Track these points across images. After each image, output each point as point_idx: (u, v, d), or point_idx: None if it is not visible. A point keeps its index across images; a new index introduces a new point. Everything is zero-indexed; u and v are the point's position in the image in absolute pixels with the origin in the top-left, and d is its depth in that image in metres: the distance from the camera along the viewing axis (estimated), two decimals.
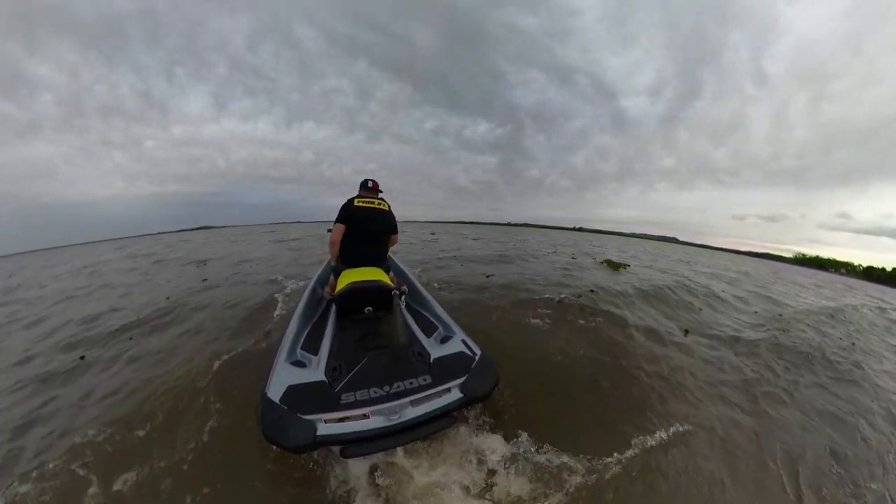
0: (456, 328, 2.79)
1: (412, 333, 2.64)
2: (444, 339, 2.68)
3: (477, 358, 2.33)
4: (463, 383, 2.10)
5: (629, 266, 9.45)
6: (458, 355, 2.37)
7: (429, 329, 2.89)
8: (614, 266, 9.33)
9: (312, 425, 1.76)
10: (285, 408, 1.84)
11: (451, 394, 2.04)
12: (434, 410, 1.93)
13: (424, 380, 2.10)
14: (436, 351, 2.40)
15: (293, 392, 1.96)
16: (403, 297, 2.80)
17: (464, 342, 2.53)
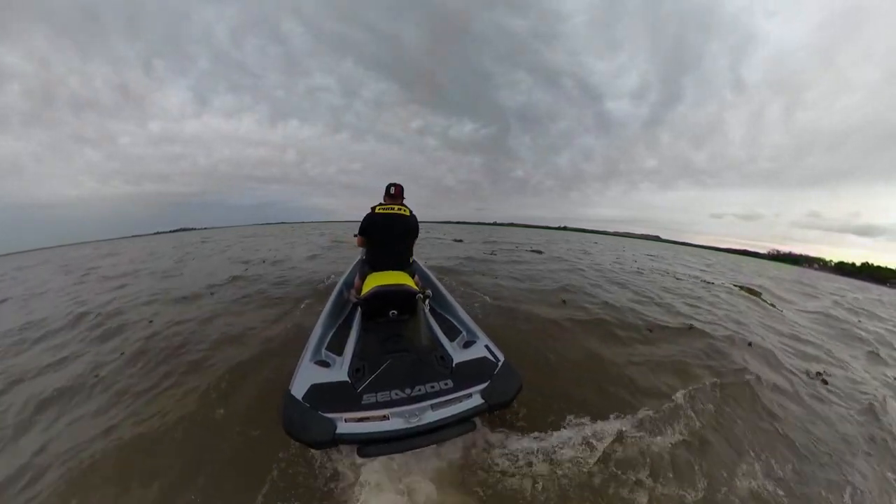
0: (480, 333, 2.75)
1: (435, 337, 2.62)
2: (468, 344, 2.65)
3: (500, 364, 2.27)
4: (485, 389, 2.04)
5: (761, 293, 8.26)
6: (481, 361, 2.33)
7: (452, 333, 2.86)
8: (757, 294, 8.04)
9: (332, 423, 1.78)
10: (307, 405, 1.88)
11: (473, 399, 1.99)
12: (454, 415, 1.89)
13: (446, 384, 2.07)
14: (458, 355, 2.37)
15: (316, 390, 1.99)
16: (427, 301, 2.80)
17: (487, 348, 2.48)
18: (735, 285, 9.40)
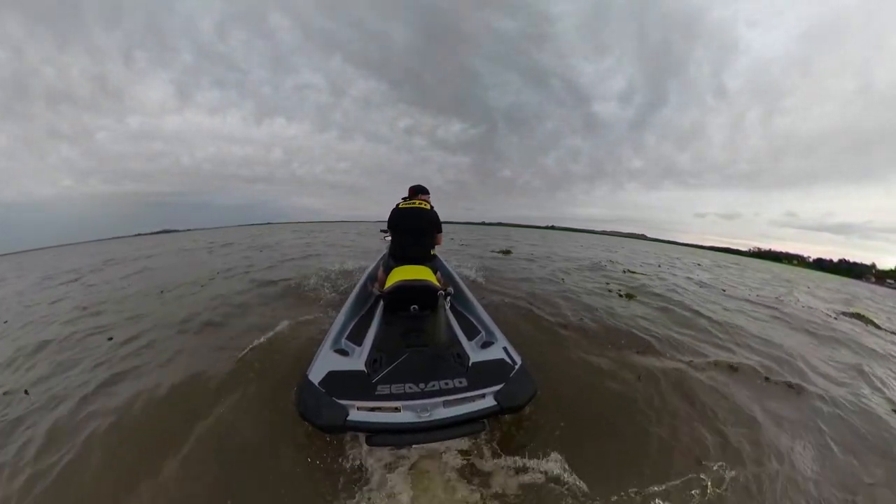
0: (499, 334, 2.71)
1: (454, 335, 2.62)
2: (486, 345, 2.62)
3: (516, 368, 2.23)
4: (498, 391, 2.01)
5: None
6: (498, 362, 2.29)
7: (471, 332, 2.84)
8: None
9: (345, 410, 1.83)
10: (323, 391, 1.93)
11: (485, 400, 1.97)
12: (465, 414, 1.88)
13: (460, 382, 2.05)
14: (475, 355, 2.35)
15: (332, 377, 2.05)
16: (448, 298, 2.80)
17: (505, 350, 2.44)
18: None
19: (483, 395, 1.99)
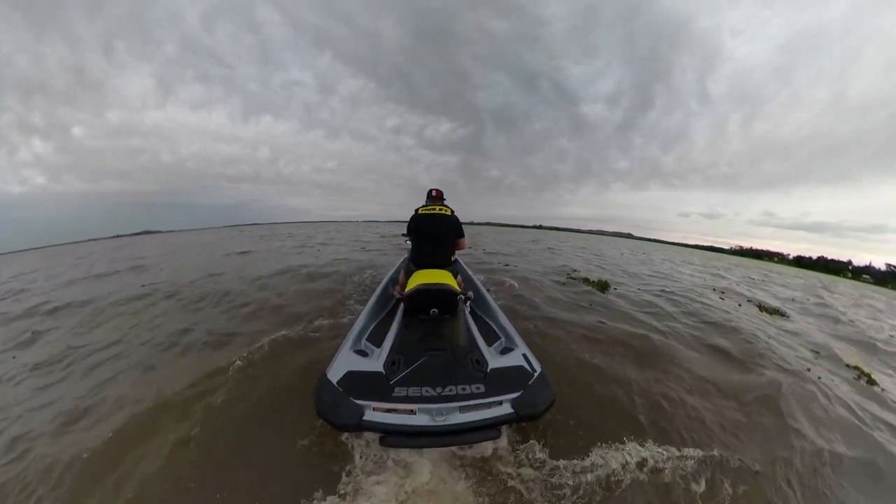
0: (519, 340, 2.66)
1: (473, 339, 2.59)
2: (505, 351, 2.57)
3: (536, 375, 2.17)
4: (516, 399, 1.97)
5: None
6: (517, 369, 2.25)
7: (490, 338, 2.80)
8: None
9: (361, 409, 1.85)
10: (340, 390, 1.97)
11: (502, 407, 1.93)
12: (480, 420, 1.85)
13: (477, 388, 2.03)
14: (494, 361, 2.31)
15: (351, 377, 2.08)
16: (468, 303, 2.78)
17: (524, 356, 2.38)
18: None
19: (500, 402, 1.95)
